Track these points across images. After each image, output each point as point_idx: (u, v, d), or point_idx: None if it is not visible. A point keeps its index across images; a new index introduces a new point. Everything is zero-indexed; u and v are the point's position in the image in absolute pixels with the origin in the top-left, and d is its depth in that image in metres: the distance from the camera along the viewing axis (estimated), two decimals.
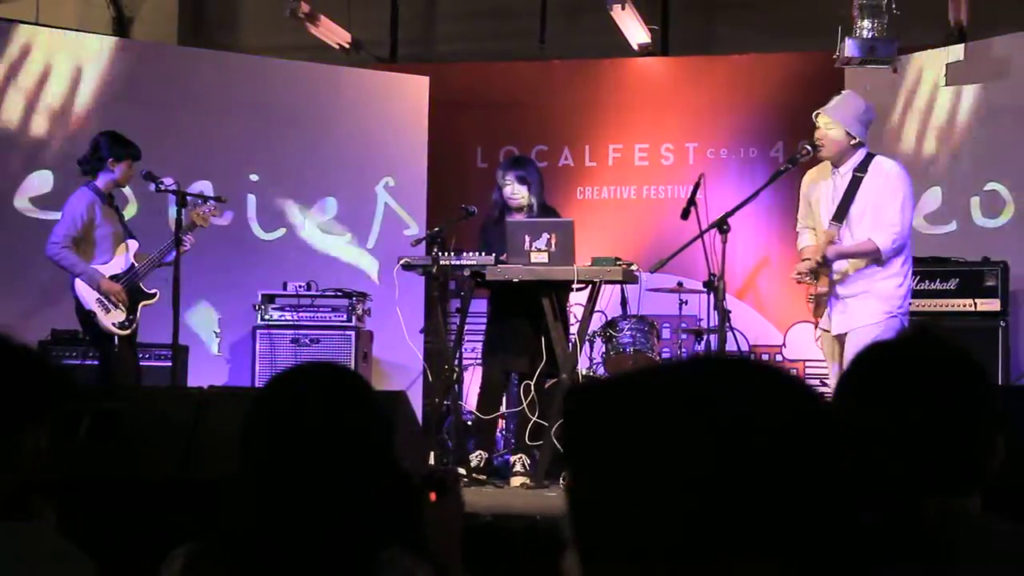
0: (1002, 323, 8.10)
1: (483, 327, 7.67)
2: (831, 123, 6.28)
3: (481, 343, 7.73)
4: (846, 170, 6.30)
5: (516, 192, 7.38)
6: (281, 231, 10.01)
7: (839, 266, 6.29)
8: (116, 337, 7.56)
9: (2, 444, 2.22)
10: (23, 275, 8.94)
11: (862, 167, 6.28)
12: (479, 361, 8.88)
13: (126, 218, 8.22)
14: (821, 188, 6.44)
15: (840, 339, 6.30)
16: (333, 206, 10.12)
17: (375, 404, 2.21)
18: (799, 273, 6.43)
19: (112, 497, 4.58)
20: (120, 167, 7.62)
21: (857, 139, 6.29)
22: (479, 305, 7.83)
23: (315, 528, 2.03)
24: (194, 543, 2.17)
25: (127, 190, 8.85)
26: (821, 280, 6.32)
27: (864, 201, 6.23)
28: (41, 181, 9.29)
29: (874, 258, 6.21)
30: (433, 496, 2.37)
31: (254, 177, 9.91)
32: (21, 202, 9.29)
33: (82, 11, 11.04)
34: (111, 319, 7.55)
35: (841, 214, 6.27)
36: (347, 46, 10.70)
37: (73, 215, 7.56)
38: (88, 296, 7.51)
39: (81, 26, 10.47)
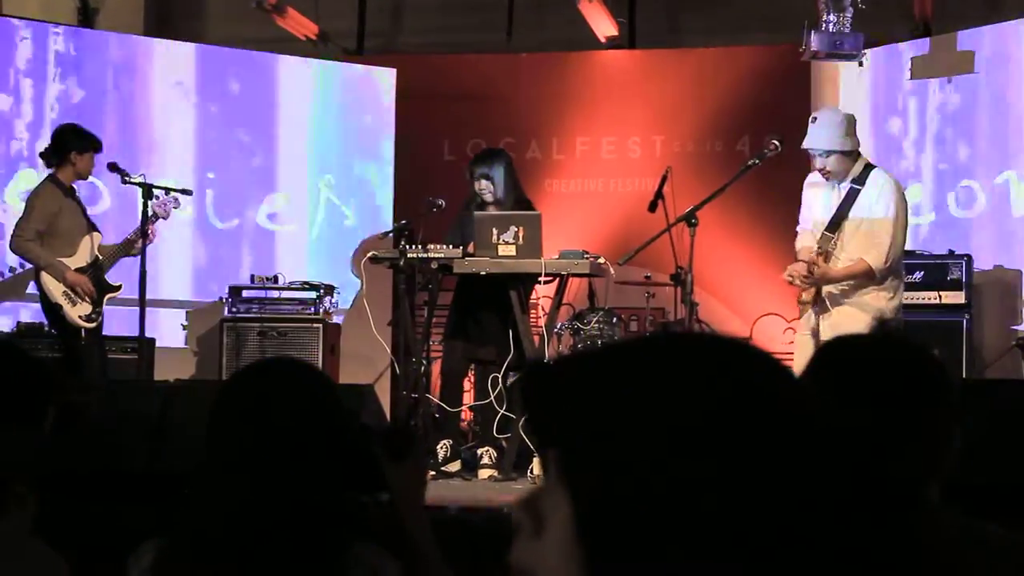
0: (967, 316, 8.16)
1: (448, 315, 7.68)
2: (823, 152, 6.26)
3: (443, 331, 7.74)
4: (845, 182, 6.27)
5: (482, 188, 7.42)
6: (235, 221, 9.98)
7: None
8: (83, 330, 7.53)
9: None
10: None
11: (860, 179, 6.24)
12: None
13: (101, 211, 8.20)
14: (821, 193, 6.39)
15: None
16: (287, 198, 10.09)
17: (338, 398, 2.22)
18: (790, 276, 6.40)
19: (78, 490, 4.57)
20: (82, 159, 7.58)
21: (852, 150, 6.27)
22: (447, 298, 7.83)
23: (283, 524, 2.03)
24: (164, 538, 2.17)
25: (100, 183, 8.82)
26: (808, 289, 6.29)
27: (859, 215, 6.20)
28: (27, 178, 9.20)
29: (867, 277, 6.20)
30: (392, 461, 2.37)
31: (211, 175, 9.87)
32: (10, 197, 9.22)
33: (47, 1, 10.96)
34: (77, 312, 7.51)
35: (835, 226, 6.24)
36: (314, 38, 10.67)
37: (36, 208, 7.52)
38: (54, 289, 7.48)
39: (46, 16, 10.39)
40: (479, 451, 7.33)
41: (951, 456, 1.94)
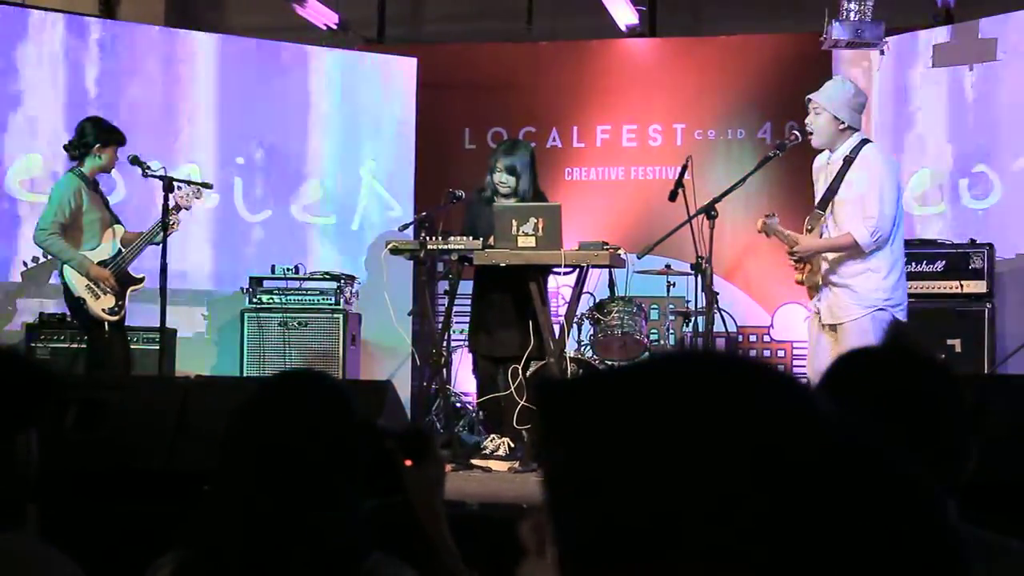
0: (988, 305, 8.12)
1: (470, 309, 7.70)
2: (819, 108, 6.26)
3: (467, 325, 7.74)
4: (837, 157, 6.26)
5: (504, 179, 7.43)
6: (267, 213, 10.00)
7: (827, 254, 6.28)
8: (106, 323, 7.56)
9: None
10: (11, 257, 8.91)
11: (853, 154, 6.23)
12: (466, 344, 8.90)
13: (116, 202, 8.22)
14: (821, 173, 6.42)
15: (830, 327, 6.29)
16: (318, 188, 10.11)
17: (354, 409, 2.22)
18: (791, 255, 6.41)
19: (98, 487, 4.59)
20: (106, 153, 7.61)
21: (847, 124, 6.23)
22: (467, 287, 7.84)
23: (299, 537, 2.04)
24: (181, 552, 2.17)
25: (115, 174, 8.84)
26: (813, 266, 6.29)
27: (848, 189, 6.19)
28: (31, 163, 9.25)
29: (854, 251, 6.17)
30: (409, 462, 2.37)
31: (240, 160, 9.89)
32: (11, 184, 9.26)
33: None
34: (101, 305, 7.54)
35: (825, 203, 6.25)
36: (334, 27, 10.68)
37: (60, 201, 7.55)
38: (77, 283, 7.51)
39: (68, 7, 10.42)
40: (488, 442, 7.34)
41: (967, 469, 1.94)
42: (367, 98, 10.26)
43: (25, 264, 8.85)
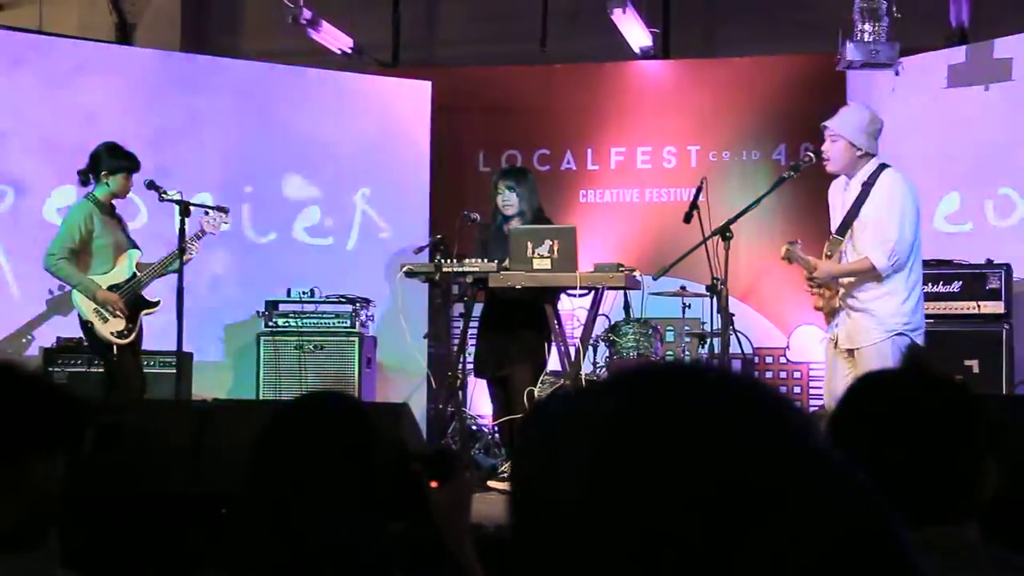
0: (1006, 326, 8.09)
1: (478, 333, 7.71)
2: (835, 135, 6.25)
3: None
4: (856, 182, 6.25)
5: (507, 200, 7.47)
6: (272, 235, 10.01)
7: (844, 279, 6.26)
8: (115, 346, 7.58)
9: (4, 472, 2.23)
10: (37, 282, 8.92)
11: (871, 180, 6.22)
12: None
13: (138, 227, 8.24)
14: (838, 199, 6.40)
15: (847, 352, 6.25)
16: (317, 212, 10.11)
17: (377, 430, 2.22)
18: (809, 282, 6.40)
19: (117, 511, 4.60)
20: (117, 179, 7.63)
21: (864, 151, 6.23)
22: (478, 310, 7.85)
23: (324, 559, 2.04)
24: (208, 574, 2.17)
25: (137, 199, 8.87)
26: (830, 292, 6.27)
27: (867, 214, 6.18)
28: (65, 194, 9.25)
29: (872, 275, 6.16)
30: (435, 484, 2.36)
31: (249, 188, 9.92)
32: (49, 213, 9.28)
33: (85, 18, 11.05)
34: (109, 328, 7.56)
35: (844, 227, 6.23)
36: (349, 51, 10.72)
37: (70, 227, 7.58)
38: (85, 306, 7.55)
39: (84, 33, 10.48)
40: (504, 464, 7.34)
41: (987, 490, 1.93)
42: (382, 122, 10.28)
43: (51, 292, 8.88)
